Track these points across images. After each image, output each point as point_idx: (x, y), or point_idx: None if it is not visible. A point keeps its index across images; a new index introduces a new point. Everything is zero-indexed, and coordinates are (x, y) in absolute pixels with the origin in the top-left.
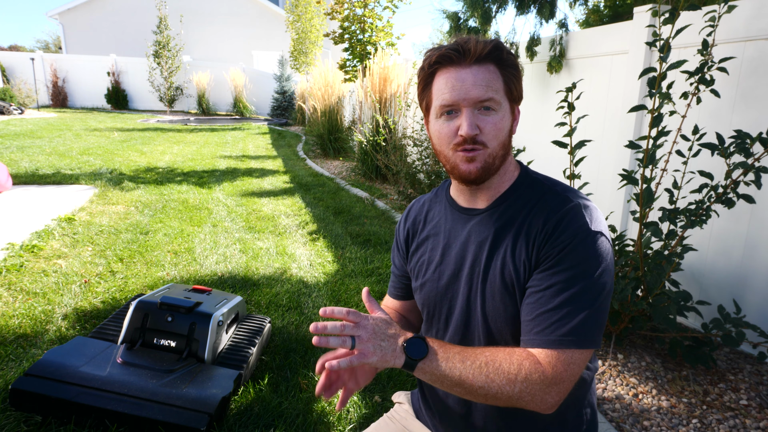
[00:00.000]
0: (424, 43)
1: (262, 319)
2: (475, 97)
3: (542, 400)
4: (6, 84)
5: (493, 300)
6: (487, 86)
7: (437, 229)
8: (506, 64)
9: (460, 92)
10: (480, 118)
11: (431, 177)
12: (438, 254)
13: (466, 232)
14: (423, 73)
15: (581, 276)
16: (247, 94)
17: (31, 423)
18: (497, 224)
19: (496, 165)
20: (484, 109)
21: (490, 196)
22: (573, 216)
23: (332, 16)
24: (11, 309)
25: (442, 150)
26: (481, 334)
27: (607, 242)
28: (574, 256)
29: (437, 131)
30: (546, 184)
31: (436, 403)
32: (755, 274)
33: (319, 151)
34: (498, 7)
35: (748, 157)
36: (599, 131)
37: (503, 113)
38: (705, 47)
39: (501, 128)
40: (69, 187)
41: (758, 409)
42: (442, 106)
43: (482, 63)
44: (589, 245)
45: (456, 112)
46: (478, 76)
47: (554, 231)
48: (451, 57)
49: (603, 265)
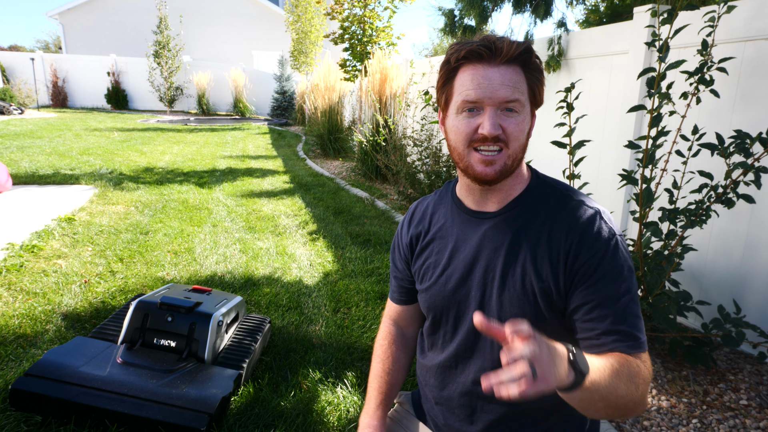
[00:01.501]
0: (423, 43)
1: (262, 319)
2: (502, 98)
3: (646, 399)
4: (6, 84)
5: (511, 306)
6: (514, 87)
7: (443, 231)
8: (532, 68)
9: (486, 90)
10: (502, 118)
11: (431, 177)
12: (445, 257)
13: (478, 237)
14: (447, 66)
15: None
16: (247, 94)
17: (31, 423)
18: (513, 229)
19: (513, 167)
20: (507, 110)
21: (501, 198)
22: (599, 225)
23: (332, 16)
24: (11, 309)
25: (458, 147)
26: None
27: (624, 240)
28: (614, 266)
29: (455, 127)
30: (559, 188)
31: (439, 404)
32: (755, 274)
33: (319, 151)
34: (494, 5)
35: (747, 157)
36: (599, 131)
37: (525, 115)
38: (705, 47)
39: (522, 130)
40: (69, 187)
41: (758, 409)
42: (465, 101)
43: (510, 64)
44: (621, 251)
45: (478, 110)
46: (505, 77)
47: (582, 243)
48: (481, 54)
49: (632, 265)
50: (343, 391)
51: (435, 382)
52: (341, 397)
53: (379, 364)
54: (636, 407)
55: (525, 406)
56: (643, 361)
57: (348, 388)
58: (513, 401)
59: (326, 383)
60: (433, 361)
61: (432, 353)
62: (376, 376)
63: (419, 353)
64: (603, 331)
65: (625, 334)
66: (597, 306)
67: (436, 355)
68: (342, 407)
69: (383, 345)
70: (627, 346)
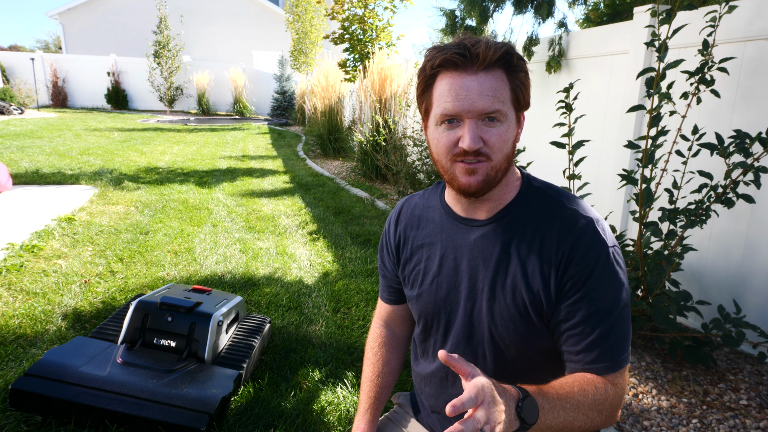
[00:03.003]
0: (423, 43)
1: (262, 319)
2: (480, 109)
3: (614, 418)
4: (6, 84)
5: (501, 318)
6: (494, 97)
7: (432, 237)
8: (515, 70)
9: (464, 102)
10: (484, 130)
11: (431, 177)
12: (435, 265)
13: (468, 245)
14: (423, 74)
15: (615, 297)
16: (247, 94)
17: (31, 423)
18: (502, 239)
19: (498, 178)
20: (489, 120)
21: (491, 207)
22: (590, 236)
23: (332, 17)
24: (11, 309)
25: (440, 159)
26: (486, 349)
27: (619, 252)
28: (602, 280)
29: (436, 140)
30: (551, 194)
31: (435, 412)
32: (755, 274)
33: (319, 151)
34: (495, 5)
35: (747, 157)
36: (599, 131)
37: (508, 124)
38: (705, 47)
39: (506, 140)
40: (69, 187)
41: (758, 409)
42: (443, 114)
43: (489, 69)
44: (612, 264)
45: (458, 121)
46: (484, 85)
47: (573, 253)
48: (456, 62)
49: (625, 278)
50: (343, 391)
51: (430, 392)
52: (341, 397)
53: (369, 368)
54: (598, 428)
55: None
56: (615, 384)
57: (348, 388)
58: None
59: (326, 383)
60: (426, 370)
61: (424, 362)
62: (367, 379)
63: (413, 360)
64: (582, 349)
65: (604, 355)
66: (580, 322)
67: (428, 364)
68: (342, 407)
69: (373, 348)
70: (602, 368)
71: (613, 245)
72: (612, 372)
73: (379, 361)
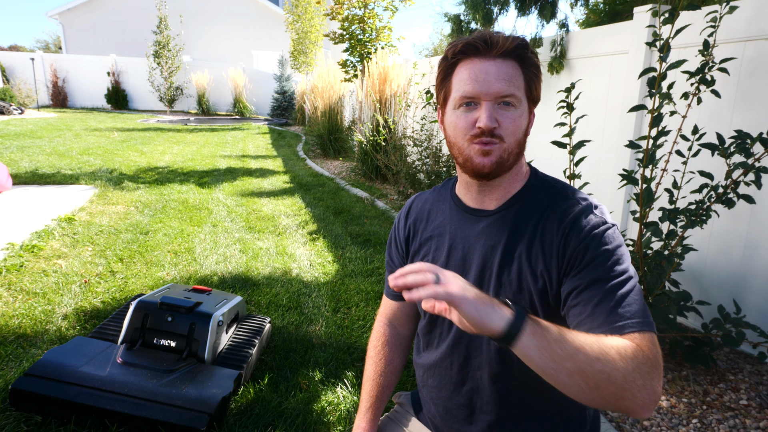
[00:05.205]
0: (423, 44)
1: (262, 319)
2: (497, 91)
3: (651, 386)
4: (6, 84)
5: None
6: (510, 81)
7: (441, 229)
8: (529, 63)
9: (482, 84)
10: (499, 112)
11: (431, 177)
12: (443, 255)
13: (476, 234)
14: (445, 62)
15: (618, 267)
16: (247, 94)
17: (31, 423)
18: (509, 228)
19: (510, 162)
20: (504, 104)
21: (500, 196)
22: (588, 214)
23: (332, 17)
24: (11, 309)
25: (457, 141)
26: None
27: (619, 233)
28: (604, 252)
29: (453, 122)
30: (557, 186)
31: (439, 404)
32: (755, 274)
33: (319, 151)
34: (500, 8)
35: (748, 157)
36: (599, 131)
37: (522, 111)
38: (706, 47)
39: (519, 125)
40: (69, 187)
41: (758, 409)
42: (462, 96)
43: (506, 58)
44: (612, 237)
45: (476, 104)
46: (501, 70)
47: (571, 233)
48: (477, 47)
49: (627, 255)
50: (343, 391)
51: (433, 383)
52: (341, 397)
53: (371, 367)
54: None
55: (524, 407)
56: (637, 342)
57: (348, 388)
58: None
59: (326, 383)
60: (429, 359)
61: (427, 352)
62: (369, 378)
63: (415, 353)
64: (589, 314)
65: (613, 315)
66: (584, 289)
67: (431, 353)
68: (342, 407)
69: (376, 347)
70: (614, 328)
71: (612, 224)
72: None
73: (382, 360)
